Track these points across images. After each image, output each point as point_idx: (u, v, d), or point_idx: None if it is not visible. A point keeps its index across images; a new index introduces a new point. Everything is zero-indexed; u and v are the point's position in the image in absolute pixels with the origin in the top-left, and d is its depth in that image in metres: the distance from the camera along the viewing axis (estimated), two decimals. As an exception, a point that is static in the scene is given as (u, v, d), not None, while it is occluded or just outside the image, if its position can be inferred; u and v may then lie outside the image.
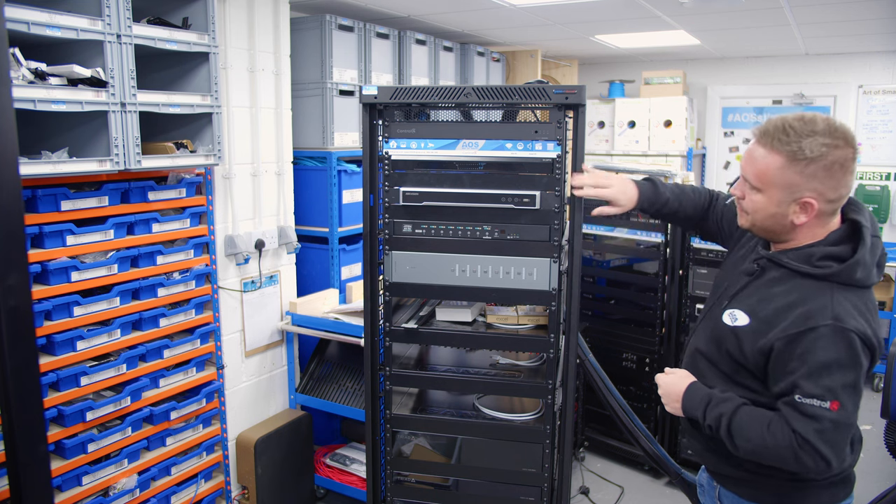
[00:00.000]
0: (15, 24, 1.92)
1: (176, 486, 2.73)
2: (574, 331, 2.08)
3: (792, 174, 1.41)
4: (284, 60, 3.15)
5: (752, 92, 5.76)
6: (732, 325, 1.53)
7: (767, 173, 1.44)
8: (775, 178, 1.43)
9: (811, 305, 1.41)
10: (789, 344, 1.41)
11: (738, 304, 1.55)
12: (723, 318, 1.57)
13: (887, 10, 3.61)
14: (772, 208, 1.46)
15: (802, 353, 1.39)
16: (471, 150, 2.03)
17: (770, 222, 1.49)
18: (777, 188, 1.44)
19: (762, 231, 1.54)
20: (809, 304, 1.41)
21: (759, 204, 1.48)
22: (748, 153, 1.50)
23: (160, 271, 2.58)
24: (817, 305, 1.41)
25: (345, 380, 3.25)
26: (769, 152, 1.43)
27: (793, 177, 1.41)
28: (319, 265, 3.52)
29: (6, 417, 0.99)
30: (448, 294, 2.12)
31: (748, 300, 1.54)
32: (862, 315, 1.41)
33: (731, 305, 1.56)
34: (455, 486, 2.23)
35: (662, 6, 3.53)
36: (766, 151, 1.44)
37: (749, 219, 1.54)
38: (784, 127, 1.42)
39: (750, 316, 1.50)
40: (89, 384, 2.35)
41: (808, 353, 1.39)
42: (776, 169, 1.42)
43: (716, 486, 1.70)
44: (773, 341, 1.43)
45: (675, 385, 1.63)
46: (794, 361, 1.40)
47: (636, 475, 3.65)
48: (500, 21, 3.94)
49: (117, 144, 2.20)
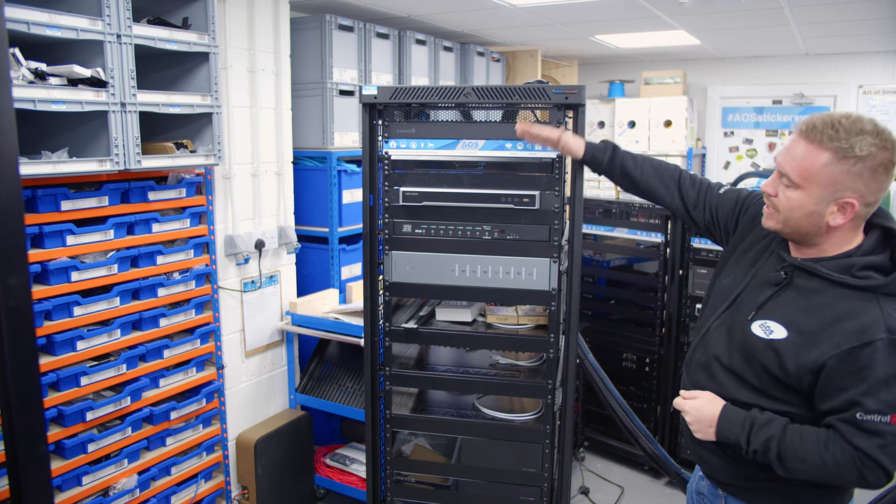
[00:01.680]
0: (15, 24, 1.92)
1: (176, 486, 2.73)
2: (574, 331, 2.08)
3: (838, 171, 1.36)
4: (284, 60, 3.15)
5: (752, 92, 5.76)
6: (768, 339, 1.45)
7: (811, 169, 1.37)
8: (819, 174, 1.37)
9: (863, 319, 1.35)
10: (843, 361, 1.35)
11: (770, 315, 1.47)
12: (752, 330, 1.48)
13: (887, 10, 3.61)
14: (810, 206, 1.40)
15: (859, 370, 1.34)
16: (471, 150, 2.04)
17: (805, 222, 1.42)
18: (819, 186, 1.38)
19: (792, 232, 1.47)
20: (861, 318, 1.36)
21: (795, 202, 1.41)
22: (789, 149, 1.43)
23: (160, 271, 2.58)
24: (869, 319, 1.35)
25: (345, 380, 3.25)
26: (816, 148, 1.37)
27: (839, 174, 1.36)
28: (319, 265, 3.52)
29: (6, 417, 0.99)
30: (448, 294, 2.12)
31: (782, 311, 1.46)
32: None
33: (761, 316, 1.48)
34: (455, 486, 2.23)
35: (662, 6, 3.53)
36: (812, 146, 1.38)
37: (780, 218, 1.46)
38: (833, 123, 1.36)
39: (788, 329, 1.43)
40: (89, 384, 2.35)
41: (865, 369, 1.33)
42: (822, 165, 1.36)
43: (721, 494, 1.63)
44: (826, 359, 1.36)
45: (705, 410, 1.52)
46: (851, 378, 1.35)
47: (636, 475, 3.65)
48: (500, 21, 3.94)
49: (117, 144, 2.20)
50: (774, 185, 1.46)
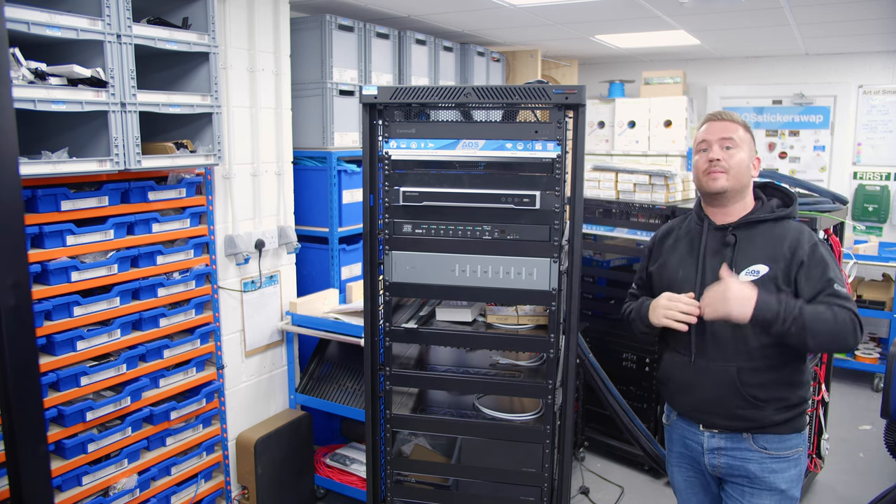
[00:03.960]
0: (15, 24, 1.92)
1: (176, 486, 2.73)
2: (574, 331, 2.08)
3: (749, 137, 1.96)
4: (284, 60, 3.15)
5: (752, 92, 5.76)
6: (761, 276, 1.85)
7: (740, 135, 1.93)
8: (744, 139, 1.94)
9: (803, 234, 1.90)
10: (809, 259, 1.85)
11: (747, 263, 1.89)
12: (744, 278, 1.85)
13: (887, 10, 3.61)
14: (747, 160, 1.93)
15: (821, 258, 1.85)
16: (471, 150, 2.03)
17: (745, 175, 1.93)
18: (746, 146, 1.93)
19: (736, 183, 1.92)
20: (802, 234, 1.90)
21: (739, 158, 1.91)
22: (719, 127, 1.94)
23: (160, 271, 2.58)
24: (805, 228, 1.92)
25: (345, 380, 3.25)
26: (732, 124, 1.94)
27: (749, 139, 1.96)
28: (319, 265, 3.52)
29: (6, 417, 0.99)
30: (448, 294, 2.12)
31: (752, 257, 1.89)
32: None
33: (741, 269, 1.88)
34: (455, 486, 2.23)
35: (662, 6, 3.53)
36: (730, 123, 1.94)
37: (731, 174, 1.91)
38: (724, 111, 1.99)
39: (767, 263, 1.87)
40: (89, 384, 2.35)
41: (822, 256, 1.85)
42: (742, 133, 1.94)
43: (747, 437, 1.92)
44: (802, 257, 1.85)
45: (744, 288, 1.77)
46: (817, 268, 1.84)
47: (636, 475, 3.65)
48: (500, 21, 3.94)
49: (117, 144, 2.20)
50: (719, 153, 1.91)
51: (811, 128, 5.52)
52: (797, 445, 1.93)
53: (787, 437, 1.91)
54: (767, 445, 1.91)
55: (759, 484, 1.92)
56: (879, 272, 5.02)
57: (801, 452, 1.94)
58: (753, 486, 1.93)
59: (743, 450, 1.92)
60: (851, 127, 5.36)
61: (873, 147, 5.33)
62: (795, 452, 1.92)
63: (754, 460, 1.91)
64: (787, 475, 1.91)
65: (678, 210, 3.42)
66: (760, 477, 1.91)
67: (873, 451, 3.88)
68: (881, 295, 4.79)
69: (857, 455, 3.88)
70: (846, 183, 5.39)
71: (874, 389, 4.81)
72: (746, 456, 1.92)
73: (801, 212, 2.97)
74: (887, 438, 2.89)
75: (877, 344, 4.99)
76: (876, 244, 4.80)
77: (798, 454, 1.93)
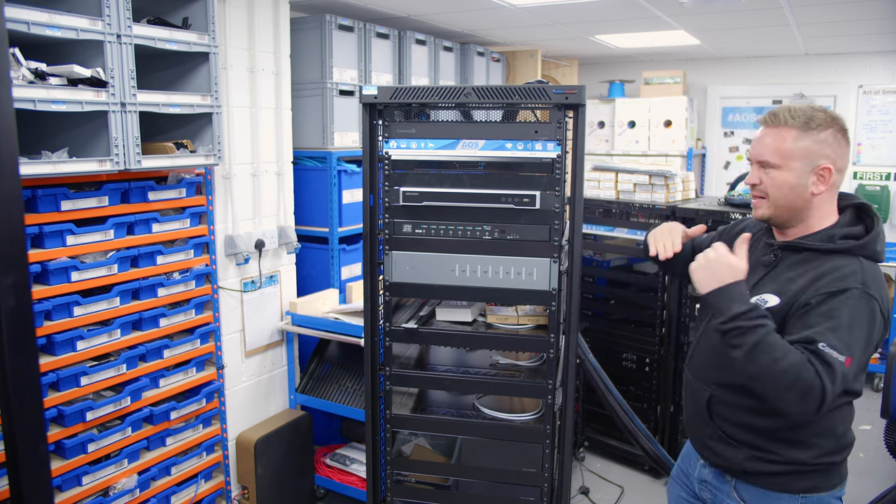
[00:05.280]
0: (15, 24, 1.92)
1: (176, 486, 2.73)
2: (574, 331, 2.08)
3: (808, 143, 1.53)
4: (284, 60, 3.15)
5: (752, 92, 5.76)
6: (766, 307, 1.54)
7: (785, 147, 1.54)
8: (793, 150, 1.54)
9: (843, 271, 1.50)
10: (822, 301, 1.47)
11: (763, 289, 1.59)
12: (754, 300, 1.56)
13: (887, 10, 3.61)
14: (793, 180, 1.55)
15: (831, 310, 1.45)
16: (471, 150, 2.03)
17: (792, 196, 1.56)
18: (796, 159, 1.54)
19: (782, 211, 1.59)
20: (842, 270, 1.50)
21: (779, 180, 1.56)
22: (759, 140, 1.60)
23: (160, 271, 2.57)
24: (848, 271, 1.49)
25: (345, 380, 3.25)
26: (782, 130, 1.55)
27: (810, 145, 1.53)
28: (319, 265, 3.52)
29: (6, 417, 0.99)
30: (448, 294, 2.12)
31: (774, 284, 1.58)
32: (881, 287, 1.51)
33: (756, 293, 1.59)
34: (455, 486, 2.23)
35: (662, 6, 3.53)
36: (778, 130, 1.55)
37: (770, 201, 1.59)
38: (789, 108, 1.56)
39: (780, 296, 1.55)
40: (89, 384, 2.35)
41: (836, 310, 1.45)
42: (793, 140, 1.54)
43: (730, 480, 1.66)
44: (810, 298, 1.49)
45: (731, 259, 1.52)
46: (822, 317, 1.46)
47: (636, 475, 3.65)
48: (500, 21, 3.94)
49: (117, 144, 2.20)
50: (757, 176, 1.61)
51: (811, 128, 5.51)
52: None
53: (773, 494, 1.59)
54: (746, 497, 1.62)
55: None
56: (879, 272, 5.02)
57: None
58: None
59: (724, 495, 1.67)
60: (851, 127, 5.32)
61: (873, 147, 5.33)
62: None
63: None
64: None
65: (678, 210, 3.43)
66: None
67: (873, 451, 3.88)
68: (881, 295, 4.79)
69: (857, 455, 3.88)
70: (846, 183, 5.39)
71: (874, 389, 4.81)
72: (726, 502, 1.67)
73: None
74: (887, 438, 2.89)
75: (877, 344, 4.98)
76: (876, 244, 4.79)
77: None
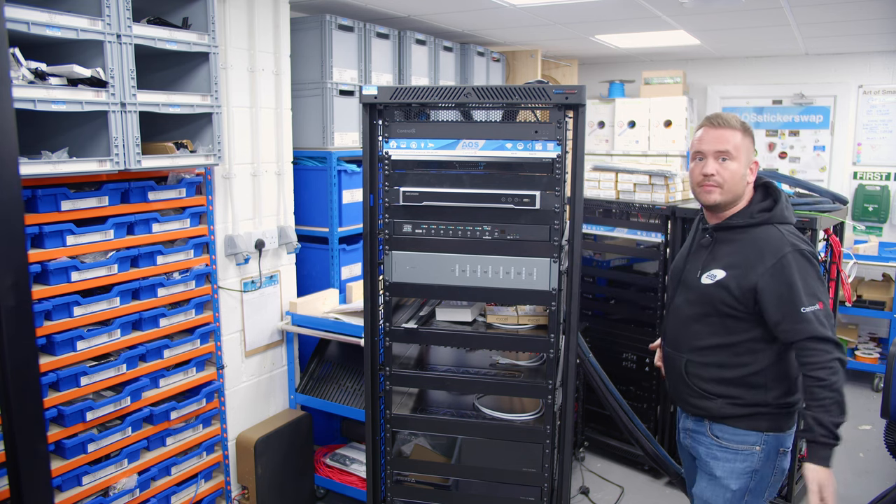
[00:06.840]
0: (15, 24, 1.92)
1: (176, 486, 2.73)
2: (574, 331, 2.08)
3: (748, 142, 1.94)
4: (284, 60, 3.15)
5: (752, 92, 5.76)
6: (715, 281, 1.91)
7: (737, 142, 1.90)
8: (741, 145, 1.91)
9: (772, 242, 1.86)
10: (771, 277, 1.82)
11: (710, 266, 1.94)
12: (702, 281, 1.95)
13: (887, 10, 3.61)
14: (742, 171, 1.92)
15: (784, 278, 1.81)
16: (471, 150, 2.03)
17: (740, 185, 1.93)
18: (743, 154, 1.92)
19: (730, 196, 1.93)
20: (771, 242, 1.86)
21: (734, 170, 1.91)
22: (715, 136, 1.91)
23: (160, 271, 2.57)
24: (775, 241, 1.86)
25: (345, 380, 3.25)
26: (730, 130, 1.91)
27: (749, 143, 1.94)
28: (319, 265, 3.52)
29: (6, 417, 0.99)
30: (448, 294, 2.12)
31: (718, 260, 1.94)
32: (802, 240, 1.90)
33: (705, 270, 1.95)
34: (455, 486, 2.23)
35: (662, 6, 3.53)
36: (729, 130, 1.91)
37: (724, 188, 1.92)
38: (725, 115, 1.95)
39: (726, 269, 1.91)
40: (89, 384, 2.35)
41: (787, 275, 1.81)
42: (740, 138, 1.91)
43: (706, 423, 2.01)
44: (756, 280, 1.84)
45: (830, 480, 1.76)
46: (782, 287, 1.81)
47: (636, 475, 3.65)
48: (500, 21, 3.94)
49: (117, 144, 2.20)
50: (713, 167, 1.91)
51: (811, 128, 5.51)
52: (753, 443, 1.94)
53: (742, 431, 1.95)
54: (719, 434, 1.99)
55: (701, 465, 2.06)
56: (879, 272, 5.02)
57: (757, 451, 1.94)
58: (698, 468, 2.09)
59: (700, 434, 2.04)
60: (851, 127, 5.36)
61: (873, 147, 5.33)
62: (748, 448, 1.95)
63: (704, 444, 2.03)
64: (728, 466, 1.96)
65: (678, 210, 3.43)
66: (703, 459, 2.03)
67: (873, 451, 3.88)
68: (881, 295, 4.79)
69: (857, 455, 3.87)
70: (846, 183, 5.39)
71: (874, 389, 4.81)
72: (701, 440, 2.04)
73: (801, 212, 2.97)
74: (887, 438, 2.89)
75: (877, 344, 4.99)
76: (876, 244, 4.80)
77: (751, 451, 1.94)
